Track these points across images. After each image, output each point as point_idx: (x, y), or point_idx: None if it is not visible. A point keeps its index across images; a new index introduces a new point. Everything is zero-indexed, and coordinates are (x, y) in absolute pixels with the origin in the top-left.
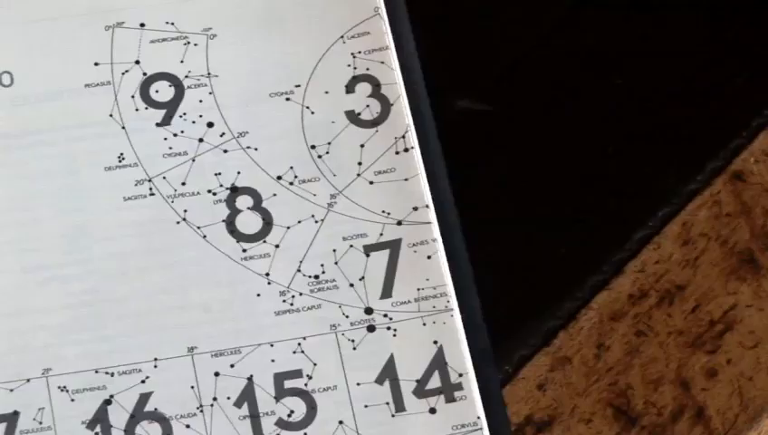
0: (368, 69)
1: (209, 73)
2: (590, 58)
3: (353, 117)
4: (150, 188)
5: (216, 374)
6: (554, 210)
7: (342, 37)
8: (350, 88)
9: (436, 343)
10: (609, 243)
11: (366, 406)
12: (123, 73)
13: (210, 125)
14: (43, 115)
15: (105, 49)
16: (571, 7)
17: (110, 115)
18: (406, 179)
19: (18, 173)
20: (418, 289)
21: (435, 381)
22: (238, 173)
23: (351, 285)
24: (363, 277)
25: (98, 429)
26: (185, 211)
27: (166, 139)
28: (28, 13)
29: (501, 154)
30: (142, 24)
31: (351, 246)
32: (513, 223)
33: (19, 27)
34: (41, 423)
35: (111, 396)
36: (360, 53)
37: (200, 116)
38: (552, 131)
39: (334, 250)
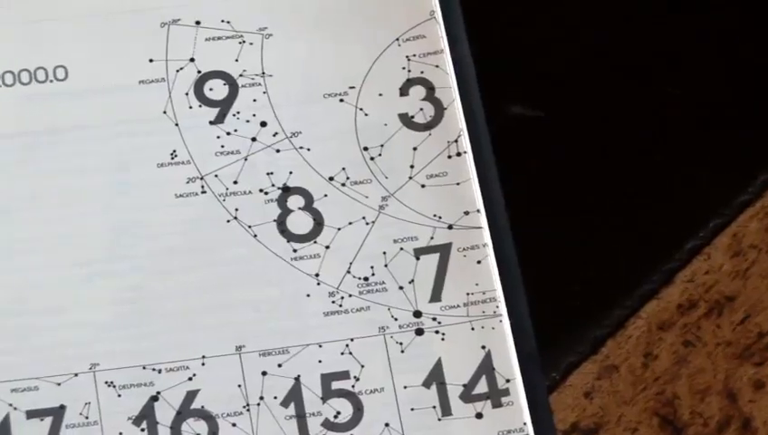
0: (422, 72)
1: (264, 73)
2: (645, 66)
3: (407, 120)
4: (202, 186)
5: (264, 374)
6: (605, 218)
7: (398, 40)
8: (404, 91)
9: (484, 347)
10: (659, 252)
11: (412, 409)
12: (178, 71)
13: (263, 124)
14: (97, 110)
15: (160, 46)
16: (627, 15)
17: (164, 112)
18: (458, 184)
19: (69, 167)
20: (468, 293)
21: (482, 386)
22: (290, 173)
23: (401, 288)
24: (413, 280)
25: (144, 425)
26: (236, 210)
27: (219, 137)
28: (83, 7)
29: (552, 161)
30: (198, 22)
31: (402, 248)
32: (564, 230)
33: (74, 21)
34: (87, 418)
35: (158, 393)
36: (414, 56)
37: (254, 115)
38: (603, 139)
39: (384, 252)
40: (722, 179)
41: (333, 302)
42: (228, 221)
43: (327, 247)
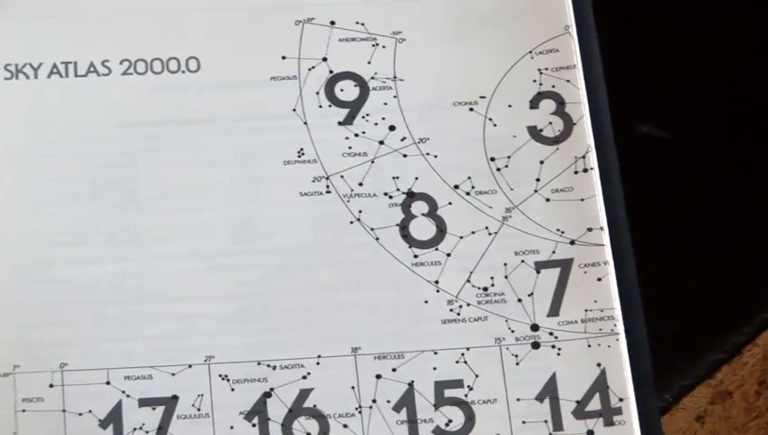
0: (553, 86)
1: (395, 77)
2: None
3: (535, 133)
4: (327, 186)
5: (378, 377)
6: (727, 244)
7: (531, 52)
8: (534, 103)
9: (599, 365)
10: None
11: (524, 422)
12: (310, 69)
13: (392, 128)
14: (227, 103)
15: (294, 43)
16: (763, 42)
17: (293, 110)
18: (582, 200)
19: (196, 159)
20: (586, 310)
21: (595, 404)
22: (416, 179)
23: (519, 301)
24: (532, 293)
25: (255, 420)
26: (360, 212)
27: (347, 138)
28: (219, 0)
29: (677, 183)
30: (332, 22)
31: (523, 261)
32: (685, 252)
33: (208, 14)
34: (199, 410)
35: (272, 389)
36: (547, 69)
37: (383, 118)
38: (730, 165)
39: (505, 264)
40: None
41: (451, 310)
42: (351, 222)
43: (448, 255)
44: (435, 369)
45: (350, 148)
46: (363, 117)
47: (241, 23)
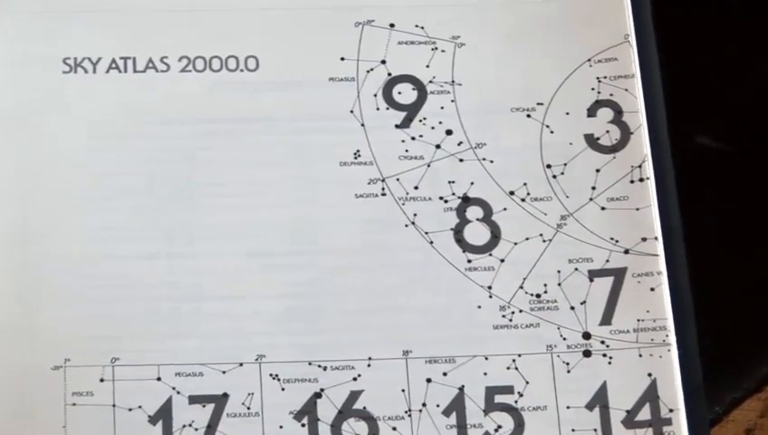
0: (611, 95)
1: (453, 81)
2: None
3: (592, 141)
4: (383, 188)
5: (428, 381)
6: None
7: (590, 60)
8: (591, 112)
9: (650, 375)
10: None
11: (573, 430)
12: (368, 71)
13: (449, 132)
14: (285, 103)
15: (353, 45)
16: None
17: (351, 111)
18: (637, 209)
19: (253, 158)
20: (638, 320)
21: (645, 414)
22: (471, 184)
23: (572, 308)
24: (585, 301)
25: (305, 420)
26: (414, 215)
27: (403, 141)
28: (279, 0)
29: (733, 196)
30: (392, 25)
31: (576, 269)
32: (738, 265)
33: (268, 13)
34: (249, 408)
35: (322, 390)
36: (605, 77)
37: (440, 122)
38: None
39: (558, 271)
40: None
41: (504, 316)
42: (406, 226)
43: (502, 261)
44: (485, 374)
45: (406, 151)
46: (420, 120)
47: (301, 23)
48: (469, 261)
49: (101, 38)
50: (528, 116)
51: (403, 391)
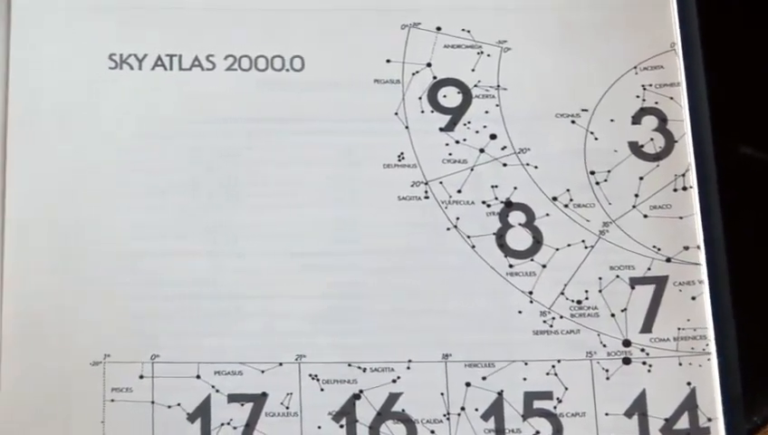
0: (656, 102)
1: (498, 86)
2: None
3: (636, 148)
4: (426, 191)
5: (468, 384)
6: None
7: (635, 68)
8: (636, 119)
9: (689, 384)
10: None
11: None
12: (414, 74)
13: (493, 137)
14: (330, 104)
15: (399, 47)
16: None
17: (396, 114)
18: (680, 217)
19: (296, 157)
20: (679, 328)
21: (683, 422)
22: (515, 188)
23: (612, 315)
24: (625, 309)
25: (343, 421)
26: (457, 219)
27: (447, 144)
28: (326, 0)
29: None
30: (438, 28)
31: (618, 276)
32: None
33: (314, 14)
34: (287, 408)
35: (361, 391)
36: (650, 85)
37: (484, 127)
38: None
39: (600, 278)
40: None
41: (544, 321)
42: (448, 229)
43: (543, 266)
44: (525, 379)
45: (450, 154)
46: (465, 124)
47: (347, 24)
48: (511, 266)
49: (148, 35)
50: (573, 122)
51: (442, 394)
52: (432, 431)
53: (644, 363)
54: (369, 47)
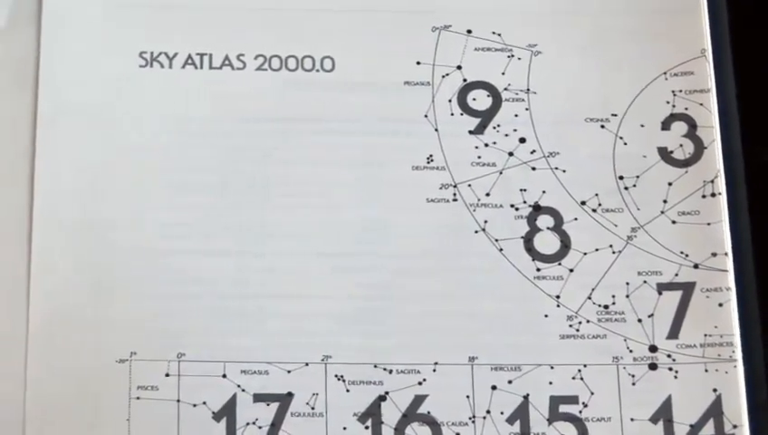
0: (686, 108)
1: (528, 89)
2: None
3: (665, 154)
4: (454, 194)
5: (494, 388)
6: None
7: (665, 73)
8: (666, 125)
9: (715, 390)
10: None
11: None
12: (444, 76)
13: (522, 140)
14: (359, 105)
15: (429, 49)
16: None
17: (425, 116)
18: (708, 224)
19: (325, 158)
20: (705, 335)
21: (708, 429)
22: (543, 192)
23: (639, 321)
24: (652, 315)
25: (368, 423)
26: (485, 222)
27: (477, 147)
28: (357, 2)
29: None
30: (469, 31)
31: (645, 281)
32: None
33: (345, 15)
34: (313, 409)
35: (387, 393)
36: (680, 91)
37: (514, 130)
38: None
39: (627, 283)
40: None
41: (571, 326)
42: (476, 232)
43: (571, 271)
44: (551, 383)
45: (479, 157)
46: (494, 127)
47: (378, 25)
48: (538, 269)
49: (179, 33)
50: (602, 127)
51: (468, 397)
52: (457, 434)
53: (670, 369)
54: (400, 49)
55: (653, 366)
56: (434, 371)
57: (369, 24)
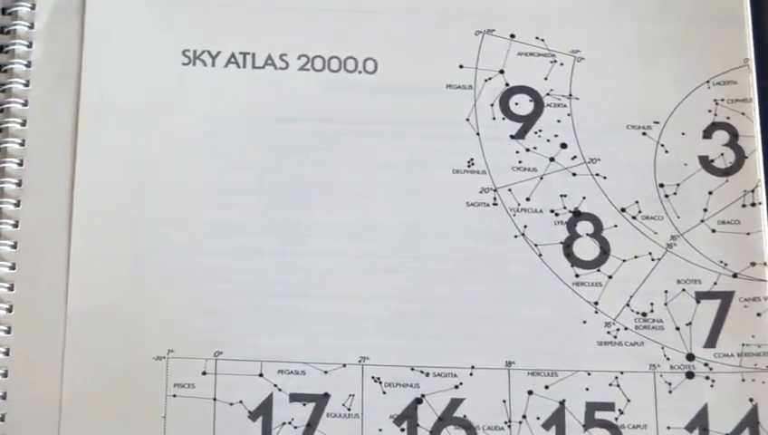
0: (728, 117)
1: (571, 95)
2: None
3: (706, 163)
4: (494, 198)
5: (530, 393)
6: None
7: (708, 82)
8: (707, 133)
9: (752, 400)
10: None
11: None
12: (486, 80)
13: (563, 146)
14: (401, 107)
15: (472, 53)
16: None
17: (467, 119)
18: (748, 233)
19: (366, 160)
20: (743, 344)
21: None
22: (583, 198)
23: (677, 329)
24: (690, 323)
25: (404, 425)
26: (524, 226)
27: (518, 152)
28: (401, 5)
29: None
30: (512, 36)
31: (684, 290)
32: None
33: (388, 17)
34: (349, 410)
35: (423, 396)
36: (722, 100)
37: (555, 135)
38: None
39: (666, 291)
40: None
41: (609, 332)
42: (515, 236)
43: (610, 277)
44: (587, 390)
45: (520, 162)
46: (536, 132)
47: (421, 28)
48: (577, 275)
49: (222, 32)
50: (644, 134)
51: (504, 401)
52: None
53: (707, 378)
54: (443, 52)
55: (690, 374)
56: (471, 374)
57: (412, 26)
